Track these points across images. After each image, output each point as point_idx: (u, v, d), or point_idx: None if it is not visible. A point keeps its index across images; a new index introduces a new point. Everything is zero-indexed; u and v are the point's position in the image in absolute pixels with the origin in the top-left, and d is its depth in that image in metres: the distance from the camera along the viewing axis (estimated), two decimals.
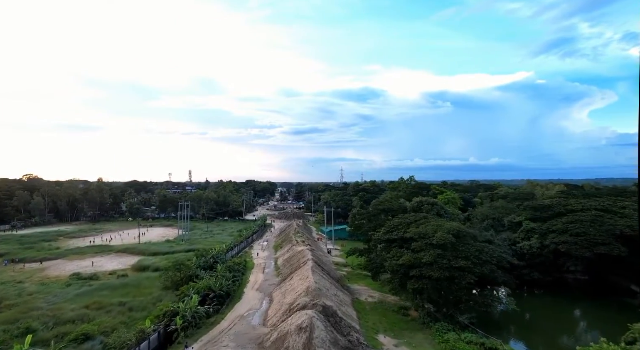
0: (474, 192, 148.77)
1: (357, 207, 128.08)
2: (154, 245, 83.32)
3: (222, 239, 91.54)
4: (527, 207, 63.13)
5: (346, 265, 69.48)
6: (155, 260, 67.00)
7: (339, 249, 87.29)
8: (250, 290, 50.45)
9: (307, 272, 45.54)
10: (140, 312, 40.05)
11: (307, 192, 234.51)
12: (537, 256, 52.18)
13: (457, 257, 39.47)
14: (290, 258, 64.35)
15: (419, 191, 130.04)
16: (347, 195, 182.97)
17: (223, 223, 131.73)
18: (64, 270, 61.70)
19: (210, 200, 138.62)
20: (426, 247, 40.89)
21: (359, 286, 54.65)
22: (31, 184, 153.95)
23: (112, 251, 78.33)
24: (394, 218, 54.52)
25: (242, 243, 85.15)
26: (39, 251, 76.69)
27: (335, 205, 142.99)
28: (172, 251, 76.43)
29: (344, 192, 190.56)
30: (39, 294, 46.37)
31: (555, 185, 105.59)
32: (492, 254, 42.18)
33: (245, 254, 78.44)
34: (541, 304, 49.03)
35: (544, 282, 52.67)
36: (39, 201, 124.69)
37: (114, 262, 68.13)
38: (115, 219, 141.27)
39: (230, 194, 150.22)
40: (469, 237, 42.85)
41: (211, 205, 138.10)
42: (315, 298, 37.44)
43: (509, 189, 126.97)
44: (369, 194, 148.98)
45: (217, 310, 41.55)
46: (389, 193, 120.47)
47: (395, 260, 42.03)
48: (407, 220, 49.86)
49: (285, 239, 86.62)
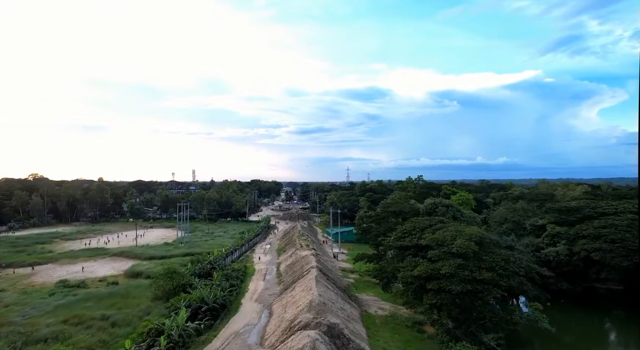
0: (485, 193, 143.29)
1: (364, 208, 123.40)
2: (151, 249, 79.34)
3: (223, 242, 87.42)
4: (550, 209, 57.99)
5: (353, 271, 64.86)
6: (149, 265, 62.90)
7: (346, 253, 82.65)
8: (249, 301, 46.04)
9: (310, 283, 40.99)
10: (124, 327, 35.79)
11: (313, 192, 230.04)
12: (565, 264, 47.10)
13: (480, 268, 34.70)
14: (294, 264, 59.88)
15: (429, 191, 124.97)
16: (353, 195, 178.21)
17: (225, 224, 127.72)
18: (51, 276, 57.81)
19: (212, 201, 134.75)
20: (445, 256, 36.16)
21: (368, 296, 50.01)
22: (31, 184, 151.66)
23: (106, 255, 74.49)
24: (406, 222, 49.82)
25: (244, 246, 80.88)
26: (30, 255, 73.02)
27: (341, 206, 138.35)
28: (169, 255, 72.36)
29: (350, 192, 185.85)
30: (17, 305, 42.36)
31: (577, 185, 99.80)
32: (519, 263, 37.34)
33: (246, 258, 74.20)
34: (572, 318, 43.99)
35: (572, 293, 47.60)
36: (37, 201, 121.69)
37: (106, 267, 64.15)
38: (115, 220, 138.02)
39: (233, 195, 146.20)
40: (493, 245, 38.03)
41: (213, 205, 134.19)
42: (320, 314, 32.88)
43: (523, 189, 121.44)
44: (377, 195, 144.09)
45: (209, 325, 37.17)
46: (398, 193, 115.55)
47: (409, 271, 37.36)
48: (421, 224, 45.13)
49: (289, 242, 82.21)
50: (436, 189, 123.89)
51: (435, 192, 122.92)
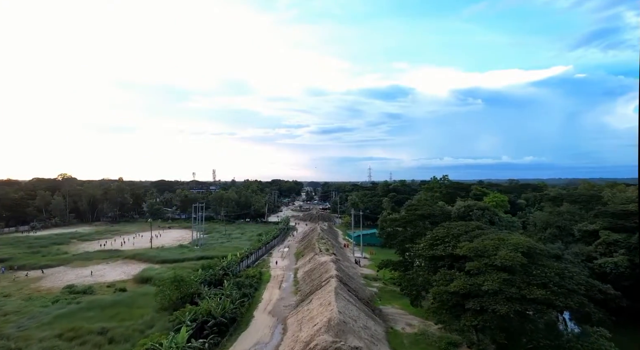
0: (517, 193, 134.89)
1: (387, 209, 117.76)
2: (165, 252, 76.67)
3: (240, 244, 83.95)
4: (602, 213, 51.10)
5: (377, 278, 59.77)
6: (160, 270, 59.80)
7: (368, 258, 77.63)
8: (262, 313, 41.87)
9: (329, 296, 36.37)
10: (121, 344, 32.25)
11: (334, 193, 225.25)
12: (626, 277, 40.54)
13: (530, 285, 29.14)
14: (312, 271, 55.41)
15: (456, 192, 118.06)
16: (376, 196, 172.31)
17: (244, 225, 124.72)
18: (60, 280, 55.50)
19: (231, 201, 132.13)
20: (486, 269, 30.75)
21: (394, 309, 44.94)
22: (59, 184, 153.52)
23: (120, 257, 72.21)
24: (437, 227, 44.40)
25: (260, 250, 77.09)
26: (45, 256, 71.62)
27: (363, 206, 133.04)
28: (182, 259, 69.28)
29: (372, 193, 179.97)
30: (16, 314, 39.65)
31: (627, 186, 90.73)
32: (577, 279, 31.47)
33: (263, 263, 70.34)
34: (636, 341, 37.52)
35: (632, 310, 40.98)
36: (59, 201, 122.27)
37: (117, 271, 61.54)
38: (135, 220, 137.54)
39: (252, 195, 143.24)
40: (543, 256, 32.31)
41: (232, 206, 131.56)
42: (339, 336, 28.26)
43: (560, 189, 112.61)
44: (400, 195, 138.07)
45: (216, 343, 33.14)
46: (423, 194, 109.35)
47: (443, 286, 32.12)
48: (456, 230, 39.65)
49: (308, 246, 77.83)
50: (464, 190, 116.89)
51: (463, 192, 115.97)
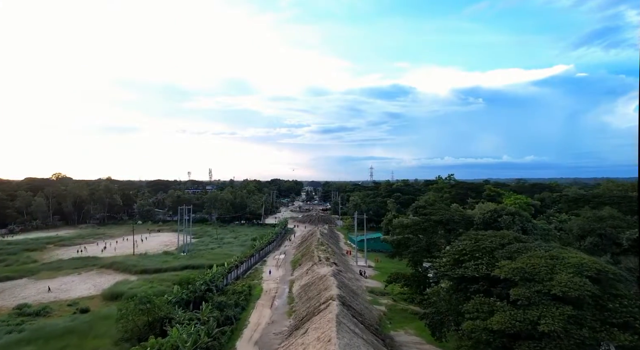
0: (529, 194, 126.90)
1: (392, 211, 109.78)
2: (147, 259, 68.73)
3: (231, 251, 76.11)
4: None
5: (385, 293, 51.72)
6: (136, 283, 51.92)
7: (373, 267, 69.63)
8: (246, 344, 33.93)
9: (329, 329, 28.37)
10: None
11: (335, 193, 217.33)
12: None
13: (607, 324, 21.26)
14: (309, 285, 47.47)
15: (466, 192, 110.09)
16: (379, 196, 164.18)
17: (238, 228, 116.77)
18: (15, 297, 47.61)
19: (225, 202, 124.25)
20: (541, 299, 22.79)
21: (408, 335, 37.03)
22: (49, 184, 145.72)
23: (95, 266, 64.28)
24: (462, 237, 36.40)
25: (253, 257, 69.16)
26: (8, 266, 63.68)
27: (366, 208, 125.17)
28: (165, 268, 61.40)
29: (375, 193, 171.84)
30: None
31: None
32: None
33: (255, 273, 62.47)
34: None
35: None
36: (40, 202, 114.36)
37: (86, 285, 53.60)
38: (124, 222, 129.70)
39: (247, 195, 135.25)
40: (617, 282, 24.30)
41: (227, 207, 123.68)
42: None
43: (579, 189, 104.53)
44: (405, 196, 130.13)
45: None
46: (432, 195, 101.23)
47: (480, 319, 24.19)
48: (487, 242, 31.52)
49: (306, 253, 69.88)
50: (474, 190, 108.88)
51: (474, 193, 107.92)
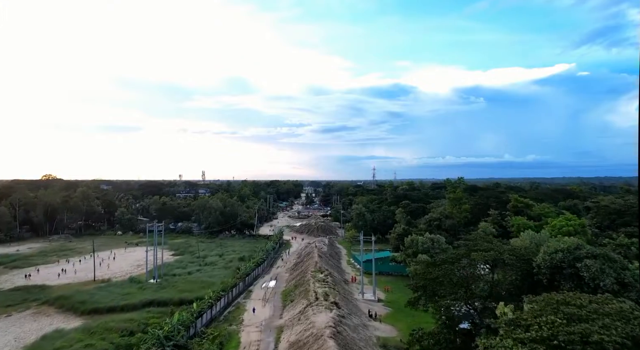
0: (551, 201, 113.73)
1: (401, 223, 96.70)
2: (104, 291, 55.70)
3: (212, 276, 63.47)
4: None
5: (401, 348, 38.67)
6: (71, 336, 38.97)
7: (384, 301, 56.57)
8: None
9: None
10: None
11: (336, 197, 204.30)
12: None
13: None
14: (301, 347, 34.54)
15: (487, 202, 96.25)
16: (384, 202, 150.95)
17: (227, 241, 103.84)
18: None
19: (214, 211, 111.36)
20: None
21: None
22: (39, 185, 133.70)
23: (36, 302, 51.47)
24: (537, 298, 23.36)
25: (237, 287, 56.33)
26: None
27: (370, 217, 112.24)
28: (121, 306, 48.48)
29: (379, 198, 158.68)
30: None
31: None
32: None
33: (236, 311, 49.63)
34: None
35: None
36: (3, 212, 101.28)
37: (6, 338, 40.67)
38: (102, 233, 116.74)
39: (239, 204, 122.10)
40: None
41: (215, 216, 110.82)
42: None
43: (616, 198, 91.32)
44: (415, 204, 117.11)
45: None
46: (448, 206, 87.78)
47: None
48: (584, 312, 18.53)
49: (301, 283, 56.97)
50: (496, 199, 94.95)
51: (494, 201, 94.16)
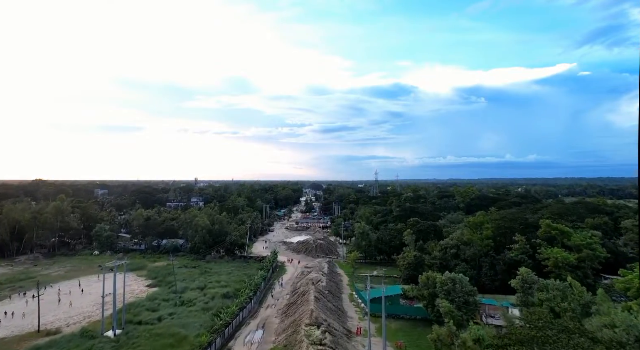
0: (575, 218, 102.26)
1: (410, 246, 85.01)
2: None
3: (184, 326, 51.73)
4: None
5: None
6: None
7: None
8: None
9: None
10: None
11: (337, 205, 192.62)
12: None
13: None
14: None
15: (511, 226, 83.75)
16: (388, 214, 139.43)
17: (214, 265, 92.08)
18: None
19: (201, 229, 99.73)
20: None
21: None
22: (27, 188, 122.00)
23: None
24: None
25: (212, 346, 44.66)
26: None
27: (375, 235, 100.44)
28: None
29: (383, 210, 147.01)
30: None
31: None
32: None
33: None
34: None
35: None
36: None
37: None
38: (77, 253, 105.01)
39: (228, 221, 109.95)
40: None
41: (202, 235, 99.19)
42: None
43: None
44: (424, 222, 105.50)
45: None
46: (466, 231, 75.54)
47: None
48: None
49: (292, 340, 45.28)
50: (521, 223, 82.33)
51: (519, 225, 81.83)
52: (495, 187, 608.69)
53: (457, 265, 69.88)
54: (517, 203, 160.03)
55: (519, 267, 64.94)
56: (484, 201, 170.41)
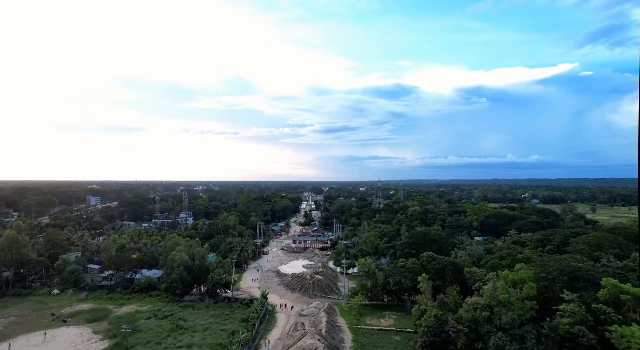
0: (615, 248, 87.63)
1: (426, 295, 69.82)
2: None
3: None
4: None
5: None
6: None
7: None
8: None
9: None
10: None
11: (337, 223, 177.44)
12: None
13: None
14: None
15: (558, 275, 67.54)
16: (396, 237, 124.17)
17: (192, 312, 76.83)
18: None
19: (177, 266, 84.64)
20: None
21: None
22: None
23: None
24: None
25: None
26: None
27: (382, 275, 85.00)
28: None
29: (392, 233, 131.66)
30: None
31: None
32: None
33: None
34: None
35: None
36: None
37: None
38: (32, 292, 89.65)
39: (209, 258, 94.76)
40: None
41: (180, 272, 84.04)
42: None
43: None
44: (437, 246, 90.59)
45: None
46: (500, 287, 59.50)
47: None
48: None
49: None
50: (571, 274, 65.83)
51: (567, 274, 65.11)
52: (499, 189, 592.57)
53: (490, 334, 54.70)
54: (538, 223, 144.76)
55: (578, 342, 49.97)
56: (500, 220, 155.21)
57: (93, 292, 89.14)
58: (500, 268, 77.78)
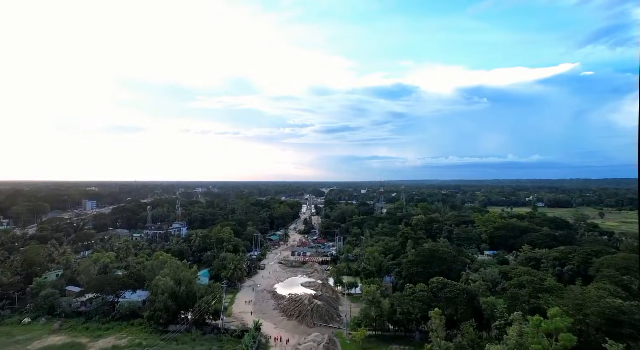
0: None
1: (440, 336, 61.53)
2: None
3: None
4: None
5: None
6: None
7: None
8: None
9: None
10: None
11: (338, 234, 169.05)
12: None
13: None
14: None
15: (597, 319, 58.81)
16: (401, 253, 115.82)
17: (174, 348, 68.65)
18: None
19: (161, 293, 76.45)
20: None
21: None
22: None
23: None
24: None
25: None
26: None
27: (388, 304, 76.56)
28: None
29: (396, 249, 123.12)
30: None
31: None
32: None
33: None
34: None
35: None
36: None
37: None
38: (9, 320, 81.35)
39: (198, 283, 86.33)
40: None
41: (164, 300, 75.86)
42: None
43: None
44: (446, 265, 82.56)
45: None
46: (530, 337, 51.02)
47: None
48: None
49: None
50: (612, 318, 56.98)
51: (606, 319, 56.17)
52: (502, 191, 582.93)
53: None
54: (551, 236, 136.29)
55: None
56: (510, 232, 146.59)
57: (69, 321, 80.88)
58: (521, 297, 69.80)
